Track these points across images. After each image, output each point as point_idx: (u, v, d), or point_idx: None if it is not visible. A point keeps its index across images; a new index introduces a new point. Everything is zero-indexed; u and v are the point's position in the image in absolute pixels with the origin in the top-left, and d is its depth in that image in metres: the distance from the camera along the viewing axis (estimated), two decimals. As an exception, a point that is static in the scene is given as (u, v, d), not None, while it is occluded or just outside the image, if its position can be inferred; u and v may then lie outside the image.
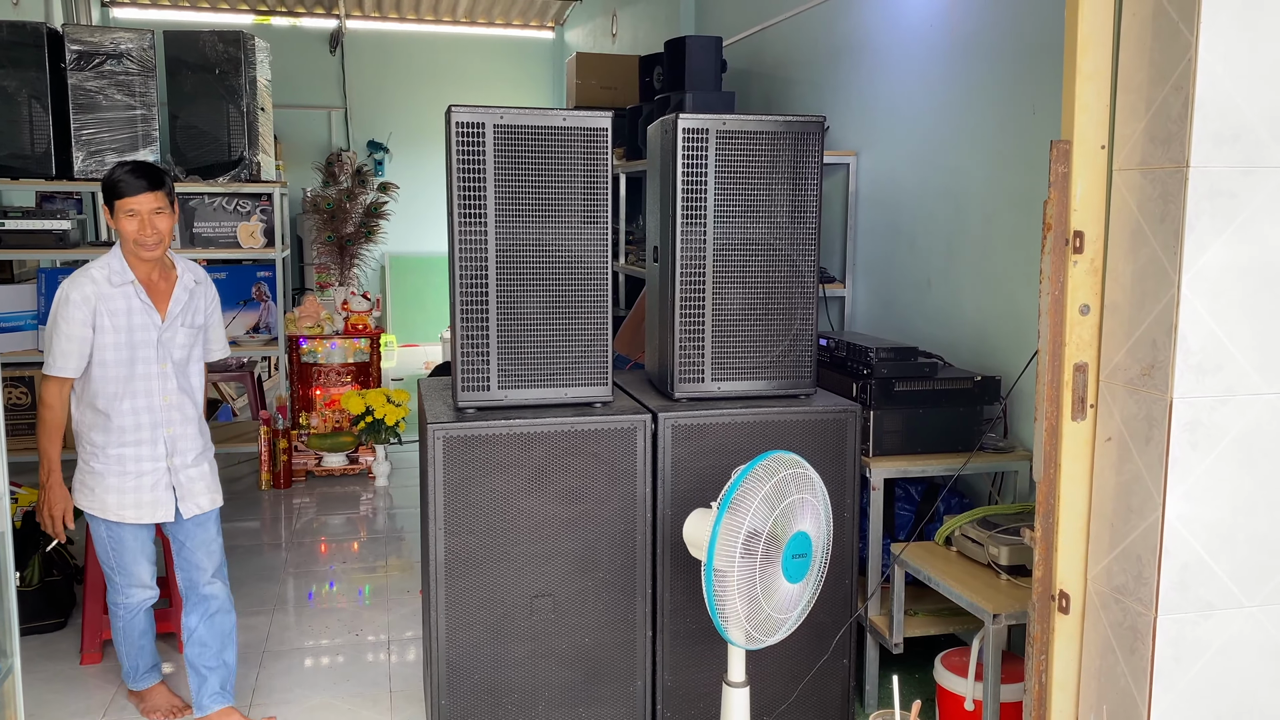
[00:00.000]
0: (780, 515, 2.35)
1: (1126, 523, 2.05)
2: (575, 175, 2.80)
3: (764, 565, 2.35)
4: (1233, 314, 1.94)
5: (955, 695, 2.86)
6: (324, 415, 6.12)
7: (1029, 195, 3.32)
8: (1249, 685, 2.06)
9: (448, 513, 2.75)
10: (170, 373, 3.05)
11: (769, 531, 2.34)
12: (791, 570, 2.36)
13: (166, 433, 3.05)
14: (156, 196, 2.94)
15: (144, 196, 2.92)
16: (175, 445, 3.08)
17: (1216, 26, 1.86)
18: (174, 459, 3.07)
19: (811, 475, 2.43)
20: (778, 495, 2.36)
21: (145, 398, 3.02)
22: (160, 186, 2.95)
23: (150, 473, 3.05)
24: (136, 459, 3.03)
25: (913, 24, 4.03)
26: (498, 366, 2.82)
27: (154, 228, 2.94)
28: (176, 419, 3.07)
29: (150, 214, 2.93)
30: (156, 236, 2.95)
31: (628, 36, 8.27)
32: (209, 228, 6.03)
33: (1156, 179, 1.96)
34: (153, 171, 2.96)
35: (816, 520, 2.43)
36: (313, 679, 3.57)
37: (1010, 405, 3.37)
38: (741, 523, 2.32)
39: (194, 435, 3.13)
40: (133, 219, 2.93)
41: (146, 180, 2.93)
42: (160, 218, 2.96)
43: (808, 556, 2.38)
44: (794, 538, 2.35)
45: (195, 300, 3.12)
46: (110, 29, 5.86)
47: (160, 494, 3.06)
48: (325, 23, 10.85)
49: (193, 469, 3.12)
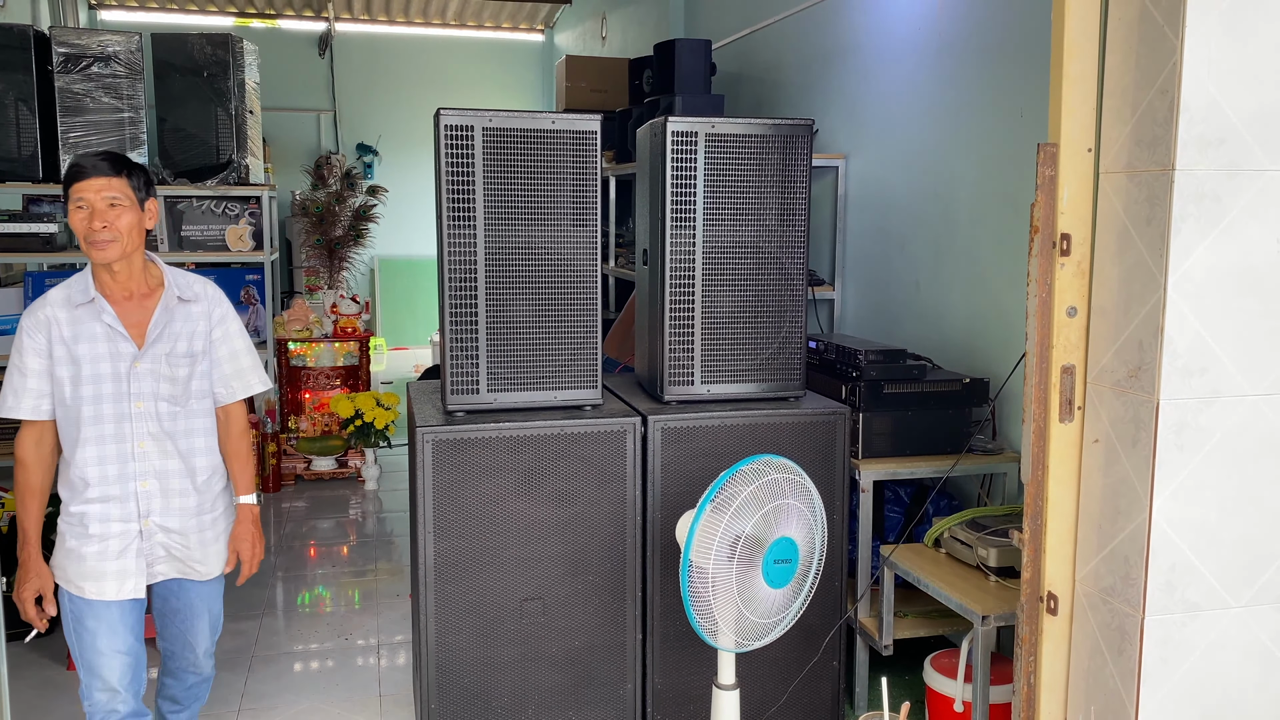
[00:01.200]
0: (764, 518, 2.35)
1: (1114, 524, 2.06)
2: (564, 178, 2.80)
3: (743, 567, 2.35)
4: (1218, 316, 1.95)
5: (945, 697, 2.87)
6: (313, 419, 6.11)
7: (1017, 198, 3.33)
8: (1235, 686, 2.07)
9: (437, 516, 2.75)
10: (149, 413, 2.45)
11: (750, 533, 2.34)
12: (773, 575, 2.35)
13: (140, 487, 2.45)
14: (111, 183, 2.37)
15: (95, 182, 2.36)
16: (152, 504, 2.47)
17: (1201, 31, 1.87)
18: (150, 520, 2.47)
19: (805, 483, 2.43)
20: (764, 498, 2.36)
21: (115, 443, 2.43)
22: (118, 174, 2.39)
23: (117, 536, 2.44)
24: (102, 519, 2.43)
25: (901, 28, 4.04)
26: (487, 370, 2.82)
27: (104, 221, 2.35)
28: (154, 470, 2.47)
29: (103, 205, 2.35)
30: (110, 233, 2.35)
31: (617, 39, 8.27)
32: (197, 231, 6.01)
33: (1142, 182, 1.97)
34: (115, 159, 2.41)
35: (807, 529, 2.43)
36: (302, 683, 3.56)
37: (999, 407, 3.38)
38: (721, 521, 2.33)
39: (185, 492, 2.51)
40: (80, 211, 2.37)
41: (102, 165, 2.38)
42: (116, 211, 2.37)
43: (792, 563, 2.38)
44: (777, 542, 2.35)
45: (184, 322, 2.51)
46: (97, 31, 5.83)
47: (127, 563, 2.45)
48: (314, 25, 10.83)
49: (180, 535, 2.52)
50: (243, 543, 2.65)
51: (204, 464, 2.55)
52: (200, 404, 2.55)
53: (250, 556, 2.65)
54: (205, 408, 2.57)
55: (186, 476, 2.52)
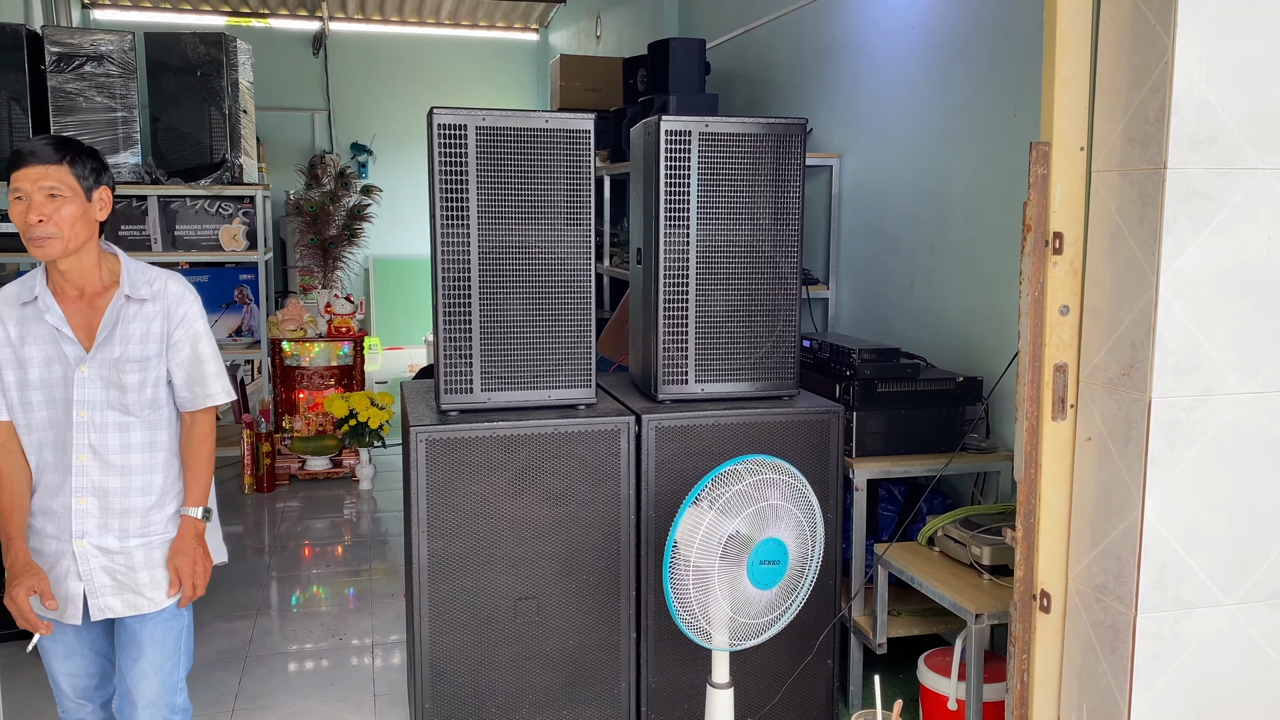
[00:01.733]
0: (751, 517, 2.35)
1: (1106, 522, 2.06)
2: (558, 177, 2.80)
3: (728, 564, 2.35)
4: (1210, 315, 1.96)
5: (938, 695, 2.87)
6: (307, 419, 6.10)
7: (1010, 197, 3.34)
8: (1227, 683, 2.08)
9: (431, 515, 2.74)
10: (90, 423, 2.22)
11: (736, 531, 2.34)
12: (759, 576, 2.35)
13: (76, 504, 2.23)
14: (49, 172, 2.10)
15: (31, 170, 2.10)
16: (87, 523, 2.24)
17: (1193, 30, 1.87)
18: (85, 541, 2.25)
19: (803, 488, 2.43)
20: (754, 497, 2.36)
21: (54, 453, 2.24)
22: (59, 161, 2.12)
23: (52, 554, 2.26)
24: (40, 534, 2.27)
25: (895, 27, 4.05)
26: (481, 369, 2.82)
27: (41, 214, 2.10)
28: (92, 487, 2.24)
29: (41, 196, 2.10)
30: (47, 228, 2.11)
31: (611, 39, 8.27)
32: (191, 230, 6.00)
33: (1135, 181, 1.97)
34: (59, 143, 2.15)
35: (800, 533, 2.42)
36: (296, 683, 3.55)
37: (992, 406, 3.39)
38: (706, 517, 2.33)
39: (127, 513, 2.26)
40: (18, 203, 2.13)
41: (43, 151, 2.12)
42: (56, 203, 2.11)
43: (780, 565, 2.37)
44: (764, 543, 2.34)
45: (137, 323, 2.25)
46: (90, 31, 5.82)
47: (68, 586, 2.25)
48: (308, 25, 10.81)
49: (123, 555, 2.27)
50: (180, 556, 2.31)
51: (151, 483, 2.29)
52: (153, 414, 2.29)
53: (190, 573, 2.32)
54: (159, 419, 2.30)
55: (130, 495, 2.26)
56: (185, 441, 2.37)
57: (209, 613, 4.09)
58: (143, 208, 5.93)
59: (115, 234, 5.92)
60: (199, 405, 2.36)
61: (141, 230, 5.96)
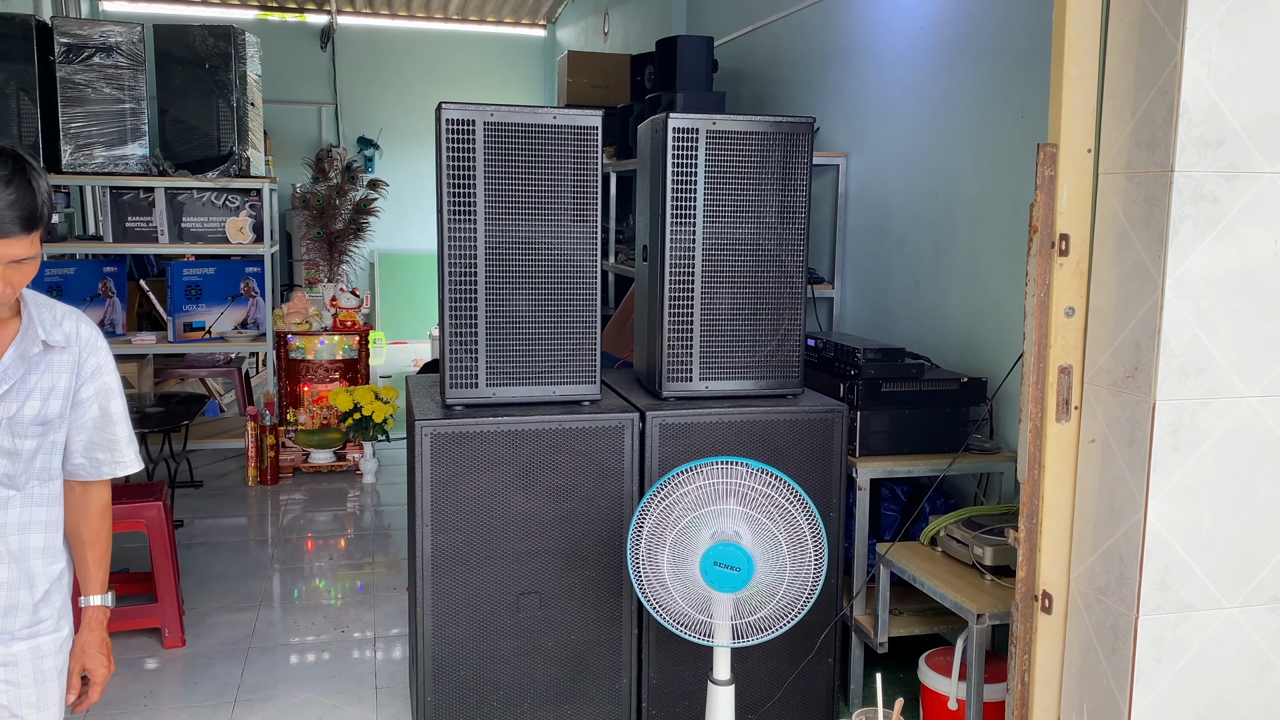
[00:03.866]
0: (706, 515, 2.35)
1: (1109, 524, 2.07)
2: (565, 173, 2.80)
3: (673, 552, 2.39)
4: (1215, 317, 1.96)
5: (939, 694, 2.88)
6: (312, 412, 6.11)
7: (1016, 197, 3.33)
8: (1228, 686, 2.08)
9: (435, 509, 2.75)
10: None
11: (675, 520, 2.37)
12: (713, 576, 2.34)
13: None
14: (20, 243, 1.66)
15: (15, 243, 1.65)
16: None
17: (1201, 33, 1.87)
18: None
19: (790, 506, 2.38)
20: (713, 498, 2.36)
21: None
22: (35, 228, 1.67)
23: None
24: None
25: (903, 26, 4.05)
26: (486, 364, 2.83)
27: (8, 282, 1.68)
28: None
29: (8, 265, 1.67)
30: (10, 294, 1.70)
31: (619, 35, 8.27)
32: (197, 223, 6.01)
33: (1141, 183, 1.97)
34: (31, 210, 1.66)
35: (774, 549, 2.37)
36: (298, 675, 3.57)
37: (996, 407, 3.39)
38: (660, 505, 2.36)
39: (16, 609, 1.83)
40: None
41: (12, 225, 1.64)
42: (22, 269, 1.69)
43: (741, 572, 2.33)
44: (720, 546, 2.33)
45: (43, 375, 1.79)
46: (99, 22, 5.83)
47: None
48: (317, 18, 10.82)
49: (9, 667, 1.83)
50: (91, 656, 1.93)
51: (45, 569, 1.86)
52: (46, 488, 1.84)
53: (103, 676, 1.95)
54: (52, 493, 1.86)
55: (22, 587, 1.82)
56: (81, 515, 1.94)
57: (212, 604, 4.11)
58: (150, 200, 5.94)
59: (123, 226, 5.94)
60: (101, 475, 1.92)
61: (149, 222, 5.97)
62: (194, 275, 6.12)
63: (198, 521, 5.14)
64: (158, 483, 4.10)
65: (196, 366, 6.71)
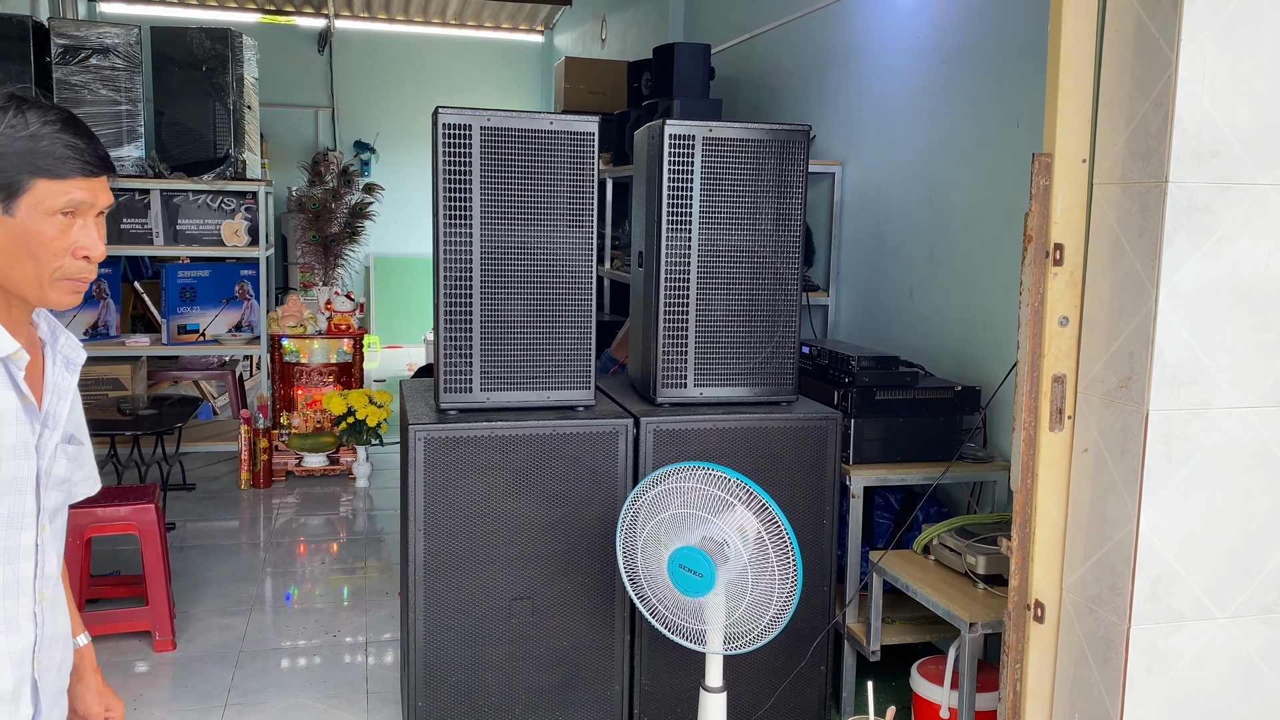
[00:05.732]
0: (683, 517, 2.36)
1: (1101, 533, 2.07)
2: (562, 179, 2.80)
3: (646, 551, 2.42)
4: (1208, 328, 1.97)
5: (931, 703, 2.88)
6: (305, 415, 6.10)
7: (1010, 207, 3.34)
8: (1219, 696, 2.08)
9: (428, 514, 2.75)
10: (47, 541, 1.49)
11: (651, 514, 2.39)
12: (678, 578, 2.35)
13: (37, 672, 1.47)
14: (106, 185, 1.44)
15: (99, 181, 1.42)
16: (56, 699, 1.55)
17: (1196, 45, 1.88)
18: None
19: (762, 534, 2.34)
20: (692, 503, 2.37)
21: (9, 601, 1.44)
22: (114, 169, 1.47)
23: None
24: None
25: (899, 35, 4.06)
26: (480, 369, 2.82)
27: (101, 245, 1.44)
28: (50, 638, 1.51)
29: (96, 217, 1.44)
30: (102, 255, 1.45)
31: (616, 42, 8.28)
32: (193, 225, 6.01)
33: (1136, 193, 1.98)
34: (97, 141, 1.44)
35: (739, 570, 2.33)
36: (289, 680, 3.55)
37: (989, 415, 3.39)
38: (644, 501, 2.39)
39: (65, 667, 1.58)
40: (61, 220, 1.39)
41: (105, 155, 1.44)
42: (100, 224, 1.46)
43: (704, 579, 2.32)
44: (684, 549, 2.33)
45: (70, 392, 1.54)
46: (97, 23, 5.83)
47: None
48: (314, 22, 10.82)
49: None
50: (106, 695, 1.72)
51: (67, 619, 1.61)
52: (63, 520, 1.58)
53: (122, 713, 1.74)
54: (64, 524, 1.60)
55: (69, 643, 1.60)
56: None
57: (203, 607, 4.09)
58: (145, 201, 5.93)
59: (117, 228, 5.93)
60: (75, 496, 1.63)
61: (144, 224, 5.97)
62: (189, 278, 6.12)
63: (189, 524, 5.12)
64: (150, 485, 4.09)
65: (190, 369, 6.69)
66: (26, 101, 1.38)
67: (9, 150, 1.36)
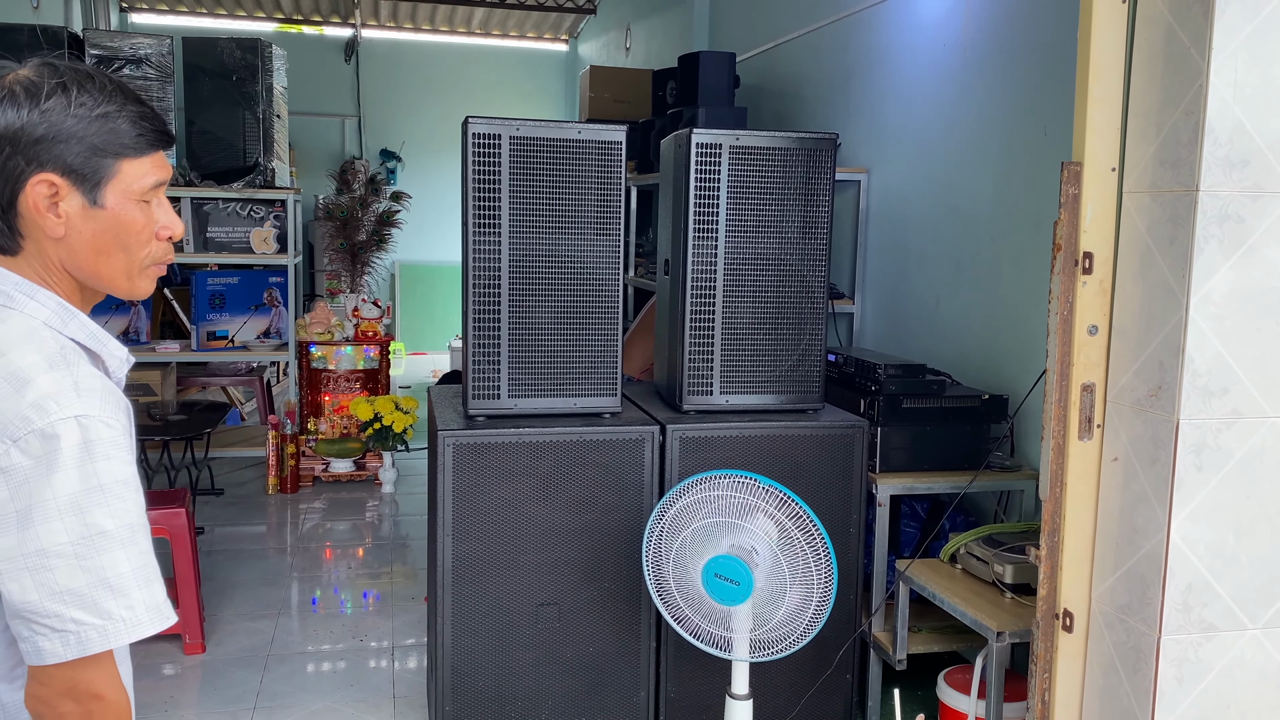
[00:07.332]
0: (714, 527, 2.36)
1: (1131, 543, 2.06)
2: (589, 187, 2.82)
3: (680, 563, 2.41)
4: (1239, 337, 1.96)
5: (958, 713, 2.86)
6: (332, 421, 6.15)
7: (1038, 215, 3.33)
8: (1250, 708, 2.07)
9: (456, 519, 2.77)
10: None
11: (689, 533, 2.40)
12: (713, 587, 2.35)
13: None
14: None
15: (164, 156, 1.30)
16: None
17: (1227, 53, 1.88)
18: None
19: (797, 534, 2.37)
20: (727, 511, 2.37)
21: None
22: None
23: None
24: None
25: (925, 43, 4.06)
26: (508, 375, 2.85)
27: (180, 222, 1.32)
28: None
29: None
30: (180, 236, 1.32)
31: (641, 50, 8.31)
32: (223, 233, 6.07)
33: (1166, 202, 1.98)
34: None
35: (775, 573, 2.36)
36: (315, 684, 3.58)
37: (1017, 424, 3.38)
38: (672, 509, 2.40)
39: None
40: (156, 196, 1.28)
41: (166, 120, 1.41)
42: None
43: (741, 586, 2.33)
44: (721, 558, 2.34)
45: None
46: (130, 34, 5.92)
47: None
48: (341, 31, 10.92)
49: None
50: None
51: None
52: None
53: None
54: None
55: None
56: None
57: (232, 611, 4.13)
58: (176, 209, 6.00)
59: (148, 234, 5.99)
60: None
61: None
62: (218, 284, 6.18)
63: (218, 529, 5.18)
64: (180, 490, 4.14)
65: (219, 375, 6.76)
66: (76, 73, 1.21)
67: (85, 133, 1.19)
